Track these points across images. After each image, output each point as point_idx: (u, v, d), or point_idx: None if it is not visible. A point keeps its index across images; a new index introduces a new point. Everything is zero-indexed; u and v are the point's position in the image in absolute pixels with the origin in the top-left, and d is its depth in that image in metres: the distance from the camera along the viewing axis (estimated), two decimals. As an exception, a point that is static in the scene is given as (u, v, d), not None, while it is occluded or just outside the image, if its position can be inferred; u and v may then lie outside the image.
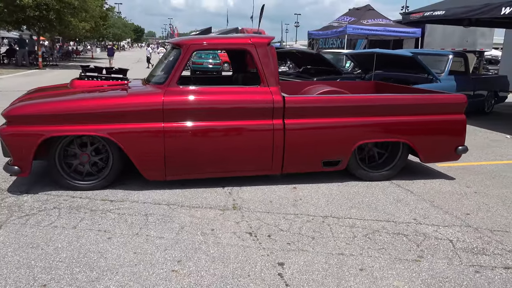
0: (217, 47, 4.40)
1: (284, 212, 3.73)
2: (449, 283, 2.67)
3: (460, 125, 4.60)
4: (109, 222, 3.39)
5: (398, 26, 15.92)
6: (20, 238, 3.06)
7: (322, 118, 4.27)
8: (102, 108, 3.84)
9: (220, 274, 2.69)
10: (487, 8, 8.23)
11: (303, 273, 2.74)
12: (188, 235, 3.22)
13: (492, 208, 3.98)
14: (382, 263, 2.89)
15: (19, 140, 3.75)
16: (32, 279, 2.56)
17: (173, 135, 3.95)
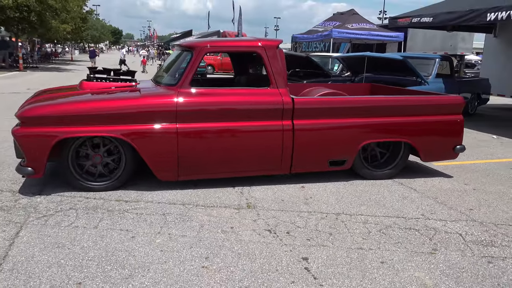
0: (227, 49, 4.48)
1: (297, 210, 3.84)
2: (466, 273, 2.83)
3: (458, 125, 4.81)
4: (129, 222, 3.42)
5: (381, 30, 16.30)
6: (44, 239, 3.08)
7: (329, 119, 4.40)
8: (117, 109, 3.87)
9: (249, 269, 2.78)
10: (473, 15, 8.57)
11: (327, 266, 2.85)
12: (209, 233, 3.29)
13: (492, 203, 4.18)
14: (400, 256, 3.03)
15: (33, 142, 3.75)
16: (65, 277, 2.59)
17: (186, 136, 4.01)
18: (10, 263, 2.72)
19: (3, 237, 3.08)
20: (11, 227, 3.23)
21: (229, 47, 4.43)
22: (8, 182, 4.23)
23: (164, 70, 4.81)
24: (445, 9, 9.72)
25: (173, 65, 4.59)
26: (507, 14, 7.76)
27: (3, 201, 3.75)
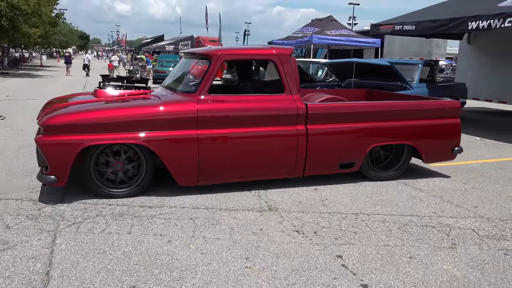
0: (244, 57, 4.60)
1: (317, 211, 4.00)
2: (488, 264, 3.06)
3: (456, 128, 5.11)
4: (160, 227, 3.50)
5: (359, 36, 16.80)
6: (82, 245, 3.11)
7: (340, 124, 4.60)
8: (140, 116, 3.94)
9: (290, 267, 2.92)
10: (455, 23, 9.02)
11: (362, 263, 3.02)
12: (242, 235, 3.40)
13: (493, 201, 4.48)
14: (425, 251, 3.24)
15: (58, 150, 3.77)
16: (118, 281, 2.66)
17: (207, 142, 4.12)
18: (57, 270, 2.76)
19: (41, 245, 3.09)
20: (45, 235, 3.25)
21: (245, 55, 4.56)
22: (24, 191, 4.21)
23: (176, 77, 4.90)
24: (426, 17, 10.17)
25: (186, 72, 4.69)
26: (488, 23, 8.23)
27: (27, 210, 3.74)
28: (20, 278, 2.65)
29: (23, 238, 3.19)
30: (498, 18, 8.06)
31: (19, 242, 3.12)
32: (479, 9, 9.18)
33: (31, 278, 2.65)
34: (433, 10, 11.65)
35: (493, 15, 8.22)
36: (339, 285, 2.71)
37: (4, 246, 3.06)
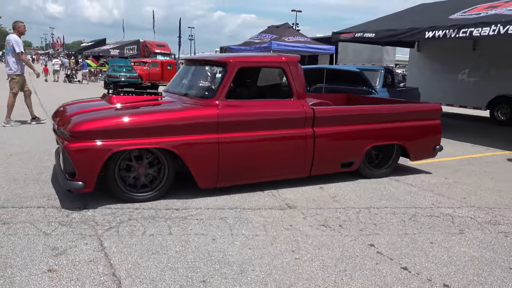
0: (258, 64, 4.83)
1: (332, 207, 4.33)
2: (496, 245, 3.54)
3: (437, 128, 5.68)
4: (197, 227, 3.65)
5: (314, 43, 17.55)
6: (132, 247, 3.20)
7: (342, 126, 4.98)
8: (166, 121, 4.06)
9: (335, 257, 3.20)
10: (413, 32, 9.82)
11: (393, 249, 3.38)
12: (276, 231, 3.64)
13: (476, 192, 5.06)
14: (440, 237, 3.67)
15: (86, 156, 3.79)
16: (186, 277, 2.80)
17: (226, 145, 4.31)
18: (122, 271, 2.85)
19: (91, 249, 3.15)
20: (90, 240, 3.30)
21: (258, 63, 4.80)
22: (42, 199, 4.16)
23: (186, 83, 5.03)
24: (384, 26, 10.96)
25: (199, 78, 4.85)
26: (443, 33, 9.07)
27: (55, 217, 3.73)
28: (90, 280, 2.72)
29: (68, 243, 3.22)
30: (453, 29, 8.91)
31: (68, 248, 3.15)
32: (433, 20, 10.08)
33: (101, 279, 2.73)
34: (388, 20, 12.55)
35: (448, 26, 9.07)
36: (383, 269, 3.04)
37: (55, 251, 3.08)
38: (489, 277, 2.98)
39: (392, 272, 2.99)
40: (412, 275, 2.97)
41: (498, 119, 12.10)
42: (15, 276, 2.72)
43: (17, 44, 8.05)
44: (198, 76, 4.97)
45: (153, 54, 38.65)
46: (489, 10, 9.51)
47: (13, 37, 8.12)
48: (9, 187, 4.48)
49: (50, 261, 2.93)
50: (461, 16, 9.89)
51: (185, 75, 5.16)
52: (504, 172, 6.20)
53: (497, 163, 6.84)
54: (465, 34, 8.64)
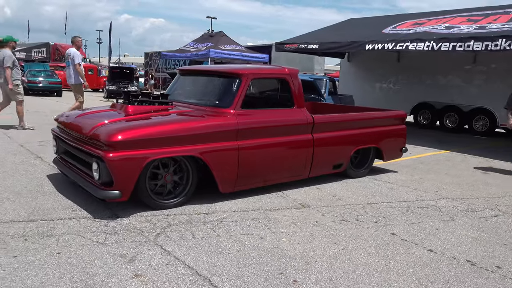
0: (266, 76, 5.13)
1: (338, 204, 4.85)
2: (483, 228, 4.30)
3: (403, 132, 6.52)
4: (238, 228, 3.91)
5: (249, 51, 18.18)
6: (194, 249, 3.38)
7: (334, 132, 5.54)
8: (195, 130, 4.26)
9: (372, 245, 3.70)
10: (355, 45, 10.85)
11: (412, 236, 3.98)
12: (308, 228, 4.05)
13: (442, 187, 5.94)
14: (440, 224, 4.36)
15: (125, 165, 3.85)
16: (263, 271, 3.08)
17: (245, 151, 4.61)
18: (204, 271, 3.04)
19: (159, 253, 3.27)
20: (150, 246, 3.41)
21: (266, 74, 5.15)
22: (66, 210, 4.10)
23: (193, 92, 5.22)
24: (329, 39, 11.91)
25: (209, 88, 5.08)
26: (382, 46, 10.18)
27: (96, 227, 3.74)
28: (181, 280, 2.88)
29: (132, 251, 3.31)
30: (390, 43, 10.07)
31: (135, 254, 3.24)
32: (370, 34, 11.22)
33: (191, 279, 2.91)
34: (325, 33, 13.59)
35: (386, 40, 10.21)
36: (415, 252, 3.60)
37: (125, 258, 3.16)
38: (495, 252, 3.69)
39: (423, 254, 3.57)
40: (439, 255, 3.57)
41: (421, 123, 13.72)
42: (108, 283, 2.80)
43: (77, 57, 9.06)
44: (209, 86, 5.18)
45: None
46: (418, 28, 10.88)
47: (73, 50, 9.11)
48: (20, 201, 4.31)
49: (129, 267, 3.03)
50: (394, 31, 11.16)
51: (192, 85, 5.33)
52: (450, 168, 7.25)
53: (441, 161, 7.94)
54: (401, 47, 9.81)
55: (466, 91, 12.30)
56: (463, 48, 8.83)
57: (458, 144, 10.28)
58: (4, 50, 8.69)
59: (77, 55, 9.05)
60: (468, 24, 10.06)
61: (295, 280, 2.99)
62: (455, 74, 12.58)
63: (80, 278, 2.84)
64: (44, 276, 2.83)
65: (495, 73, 11.64)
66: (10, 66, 8.56)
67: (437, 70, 12.86)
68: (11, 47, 8.84)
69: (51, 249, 3.24)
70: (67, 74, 9.28)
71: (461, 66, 12.22)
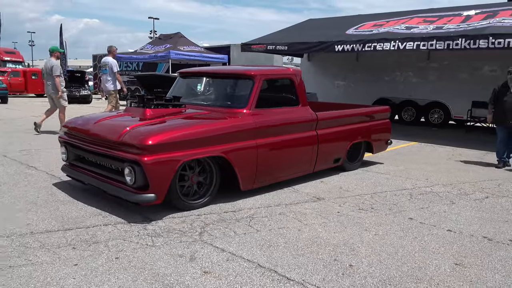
0: (275, 76, 5.25)
1: (349, 195, 5.16)
2: (482, 209, 4.79)
3: (388, 126, 6.98)
4: (272, 223, 4.08)
5: (208, 52, 18.21)
6: (244, 245, 3.51)
7: (334, 128, 5.86)
8: (220, 131, 4.38)
9: (399, 229, 4.02)
10: (323, 46, 11.30)
11: (426, 219, 4.36)
12: (335, 218, 4.30)
13: (428, 174, 6.45)
14: (444, 207, 4.80)
15: (160, 168, 3.89)
16: (320, 260, 3.29)
17: (262, 149, 4.79)
18: (266, 263, 3.20)
19: (212, 250, 3.38)
20: (201, 245, 3.50)
21: (275, 75, 5.32)
22: (97, 217, 4.06)
23: (203, 94, 5.30)
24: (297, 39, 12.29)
25: (223, 90, 5.19)
26: (351, 47, 10.71)
27: (137, 231, 3.76)
28: (250, 273, 3.02)
29: (186, 250, 3.38)
30: (359, 43, 10.61)
31: (192, 253, 3.32)
32: (336, 35, 11.74)
33: (259, 271, 3.05)
34: (287, 33, 13.97)
35: (354, 40, 10.75)
36: (438, 233, 3.98)
37: (185, 258, 3.24)
38: (502, 228, 4.16)
39: (445, 234, 3.95)
40: (458, 234, 3.97)
41: (380, 117, 14.49)
42: (184, 281, 2.88)
43: (115, 65, 9.85)
44: (220, 88, 5.28)
45: (2, 62, 34.23)
46: (379, 28, 11.54)
47: (110, 59, 9.89)
48: (42, 211, 4.20)
49: (193, 266, 3.12)
50: (357, 32, 11.75)
51: (201, 87, 5.40)
52: (426, 158, 7.85)
53: (414, 152, 8.55)
54: (370, 48, 10.38)
55: (422, 87, 13.20)
56: (426, 47, 9.55)
57: (421, 135, 11.05)
58: (51, 59, 9.20)
59: (114, 63, 9.86)
60: (425, 25, 10.84)
61: (350, 265, 3.23)
62: (411, 71, 13.45)
63: (153, 279, 2.89)
64: (117, 281, 2.85)
65: (448, 70, 12.60)
66: (59, 75, 9.11)
67: (394, 67, 13.68)
68: (56, 57, 9.31)
69: (106, 255, 3.24)
70: (104, 80, 10.08)
71: (416, 63, 13.09)
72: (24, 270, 2.95)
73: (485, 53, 10.28)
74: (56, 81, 9.11)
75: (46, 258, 3.16)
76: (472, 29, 9.42)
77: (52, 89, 9.22)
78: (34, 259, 3.14)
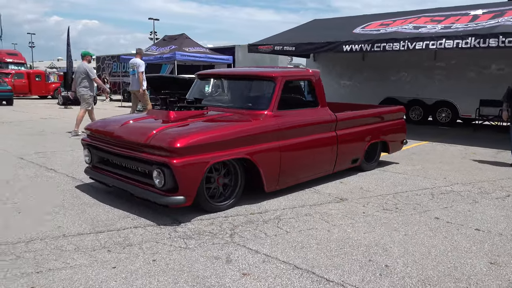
0: (295, 78, 5.28)
1: (371, 195, 5.17)
2: (506, 206, 4.79)
3: (404, 126, 6.99)
4: (301, 224, 4.08)
5: (213, 53, 18.22)
6: (276, 246, 3.52)
7: (352, 128, 5.87)
8: (245, 132, 4.39)
9: (427, 229, 4.02)
10: (331, 46, 11.30)
11: (454, 219, 4.37)
12: (361, 218, 4.31)
13: (445, 172, 6.47)
14: (468, 206, 4.81)
15: (190, 170, 3.90)
16: (355, 260, 3.30)
17: (285, 150, 4.80)
18: (302, 264, 3.21)
19: (246, 252, 3.38)
20: (234, 247, 3.50)
21: (296, 76, 5.34)
22: (125, 220, 4.07)
23: (222, 96, 5.30)
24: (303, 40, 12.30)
25: (244, 92, 5.19)
26: (360, 47, 10.73)
27: (168, 233, 3.77)
28: (288, 275, 3.03)
29: (220, 252, 3.39)
30: (368, 43, 10.62)
31: (226, 255, 3.33)
32: (343, 35, 11.75)
33: (296, 273, 3.06)
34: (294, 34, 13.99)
35: (363, 40, 10.75)
36: (466, 232, 3.99)
37: (220, 260, 3.24)
38: (529, 227, 4.18)
39: (474, 233, 3.96)
40: (487, 233, 3.98)
41: (387, 117, 14.50)
42: (224, 283, 2.89)
43: (142, 65, 10.34)
44: (242, 89, 5.29)
45: (4, 64, 34.22)
46: (386, 28, 11.55)
47: (138, 60, 10.42)
48: (71, 214, 4.21)
49: (231, 267, 3.12)
50: (364, 32, 11.77)
51: (221, 89, 5.41)
52: (440, 157, 7.86)
53: (427, 151, 8.56)
54: (379, 48, 10.40)
55: (429, 86, 13.22)
56: (435, 47, 9.56)
57: (431, 135, 11.06)
58: (83, 63, 9.64)
59: (142, 64, 10.34)
60: (433, 24, 10.86)
61: (386, 265, 3.24)
62: (418, 70, 13.46)
63: (194, 281, 2.90)
64: (159, 283, 2.86)
65: (455, 68, 12.62)
66: (95, 77, 9.73)
67: (401, 67, 13.70)
68: (88, 60, 9.77)
69: (143, 258, 3.24)
70: (132, 81, 10.60)
71: (423, 62, 13.11)
72: (64, 273, 2.96)
73: (492, 51, 10.31)
74: (97, 81, 9.78)
75: (83, 261, 3.16)
76: (481, 28, 9.44)
77: (90, 91, 9.67)
78: (71, 262, 3.14)
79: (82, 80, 9.56)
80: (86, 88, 9.61)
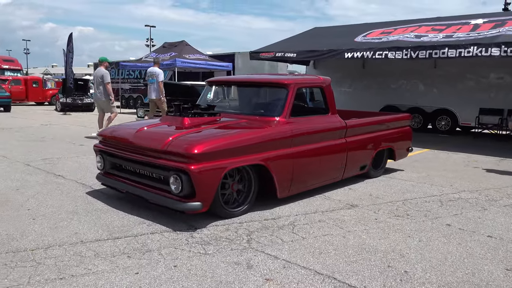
0: (307, 85, 5.37)
1: (381, 202, 5.21)
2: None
3: (409, 133, 7.06)
4: (314, 230, 4.12)
5: (213, 60, 18.30)
6: (294, 252, 3.55)
7: (361, 135, 5.93)
8: (260, 139, 4.43)
9: (440, 235, 4.06)
10: (333, 53, 11.41)
11: (464, 225, 4.41)
12: (374, 225, 4.34)
13: (451, 180, 6.53)
14: (478, 213, 4.86)
15: (207, 176, 3.92)
16: (374, 266, 3.33)
17: (297, 157, 4.84)
18: (323, 270, 3.23)
19: (266, 258, 3.40)
20: (253, 253, 3.52)
21: (307, 83, 5.40)
22: (141, 225, 4.08)
23: (235, 103, 5.35)
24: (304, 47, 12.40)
25: (256, 98, 5.24)
26: (361, 54, 10.83)
27: (185, 239, 3.79)
28: (311, 280, 3.06)
29: (240, 258, 3.40)
30: (369, 51, 10.74)
31: (246, 261, 3.35)
32: (344, 43, 11.86)
33: (318, 278, 3.08)
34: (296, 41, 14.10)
35: (365, 48, 10.86)
36: (479, 238, 4.03)
37: (241, 266, 3.26)
38: (540, 233, 4.23)
39: (487, 240, 4.00)
40: (499, 240, 4.02)
41: (387, 124, 14.60)
42: (249, 288, 2.91)
43: (160, 74, 10.75)
44: (254, 96, 5.33)
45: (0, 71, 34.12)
46: (388, 36, 11.68)
47: (157, 69, 10.79)
48: (86, 220, 4.21)
49: (253, 273, 3.14)
50: (366, 40, 11.89)
51: (233, 96, 5.46)
52: (444, 165, 7.93)
53: (430, 159, 8.63)
54: (381, 56, 10.51)
55: (429, 94, 13.35)
56: (438, 55, 9.67)
57: (432, 142, 11.15)
58: (101, 68, 9.98)
59: (161, 73, 10.74)
60: (434, 33, 10.99)
61: (405, 271, 3.27)
62: (418, 78, 13.59)
63: (218, 286, 2.92)
64: (183, 288, 2.87)
65: (455, 77, 12.75)
66: (108, 82, 9.89)
67: (401, 74, 13.82)
68: (105, 66, 10.07)
69: (164, 263, 3.26)
70: (150, 90, 10.80)
71: (423, 71, 13.23)
72: (87, 279, 2.96)
73: (491, 60, 10.43)
74: (108, 87, 9.94)
75: (104, 267, 3.17)
76: (483, 38, 9.57)
77: (103, 96, 9.99)
78: (93, 268, 3.15)
79: (99, 86, 9.95)
80: (102, 93, 9.97)
